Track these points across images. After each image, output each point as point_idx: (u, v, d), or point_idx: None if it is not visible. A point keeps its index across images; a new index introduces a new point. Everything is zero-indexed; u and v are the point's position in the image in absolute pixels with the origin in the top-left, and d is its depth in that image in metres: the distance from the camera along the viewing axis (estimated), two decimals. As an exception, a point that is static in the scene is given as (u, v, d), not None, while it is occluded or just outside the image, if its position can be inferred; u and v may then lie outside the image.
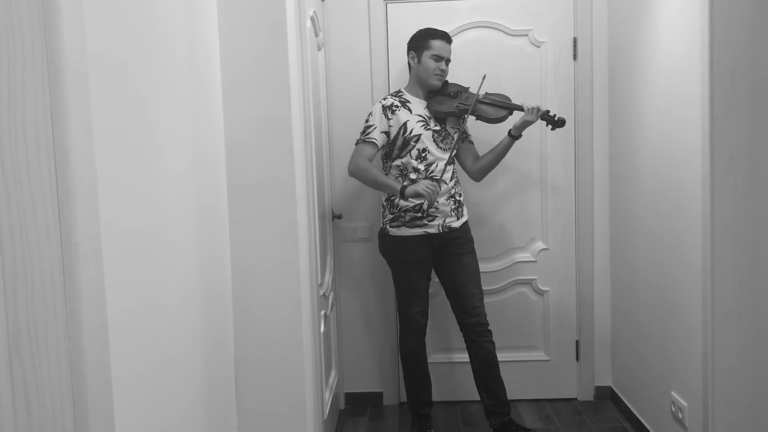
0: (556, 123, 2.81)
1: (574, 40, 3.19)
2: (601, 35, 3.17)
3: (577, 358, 3.33)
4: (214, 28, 2.00)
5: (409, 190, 2.67)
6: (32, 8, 0.95)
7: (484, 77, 2.83)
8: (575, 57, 3.19)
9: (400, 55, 3.21)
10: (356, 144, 2.81)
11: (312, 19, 2.66)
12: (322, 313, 2.69)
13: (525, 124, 2.78)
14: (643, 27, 2.72)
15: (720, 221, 2.12)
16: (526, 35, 3.19)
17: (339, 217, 3.24)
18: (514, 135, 2.81)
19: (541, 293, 3.32)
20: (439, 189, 2.71)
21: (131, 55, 1.32)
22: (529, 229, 3.30)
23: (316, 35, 2.87)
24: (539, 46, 3.19)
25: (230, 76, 2.03)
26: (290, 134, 2.06)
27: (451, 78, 2.92)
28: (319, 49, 2.96)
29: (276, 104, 2.05)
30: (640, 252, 2.85)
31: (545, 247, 3.30)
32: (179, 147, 1.60)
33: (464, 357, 3.27)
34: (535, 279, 3.31)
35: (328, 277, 2.95)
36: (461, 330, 2.89)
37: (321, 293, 2.67)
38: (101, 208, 1.10)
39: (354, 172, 2.79)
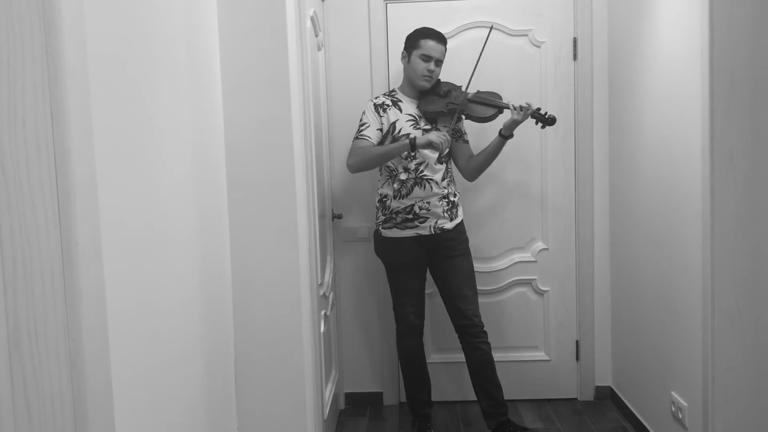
0: (546, 121, 2.75)
1: (574, 40, 3.19)
2: (601, 35, 3.17)
3: (577, 358, 3.33)
4: (214, 28, 2.00)
5: (420, 139, 2.64)
6: (32, 8, 0.95)
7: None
8: (575, 57, 3.19)
9: (399, 55, 3.21)
10: (353, 141, 2.79)
11: (312, 19, 2.66)
12: (322, 313, 2.69)
13: (514, 123, 2.72)
14: (643, 27, 2.72)
15: (720, 221, 2.12)
16: (526, 35, 3.19)
17: (339, 217, 3.24)
18: (505, 135, 2.76)
19: (541, 293, 3.32)
20: (449, 140, 2.66)
21: (131, 55, 1.32)
22: (529, 229, 3.30)
23: (316, 35, 2.86)
24: (539, 46, 3.19)
25: (230, 76, 2.03)
26: (290, 134, 2.06)
27: (450, 77, 2.91)
28: (319, 49, 2.96)
29: (276, 104, 2.05)
30: (640, 252, 2.85)
31: (545, 247, 3.29)
32: (179, 147, 1.60)
33: (463, 357, 3.27)
34: (535, 279, 3.31)
35: (328, 277, 2.95)
36: (456, 331, 2.88)
37: (321, 293, 2.67)
38: (101, 208, 1.10)
39: (356, 164, 2.73)
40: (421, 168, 2.76)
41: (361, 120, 2.81)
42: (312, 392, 2.26)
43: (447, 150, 2.70)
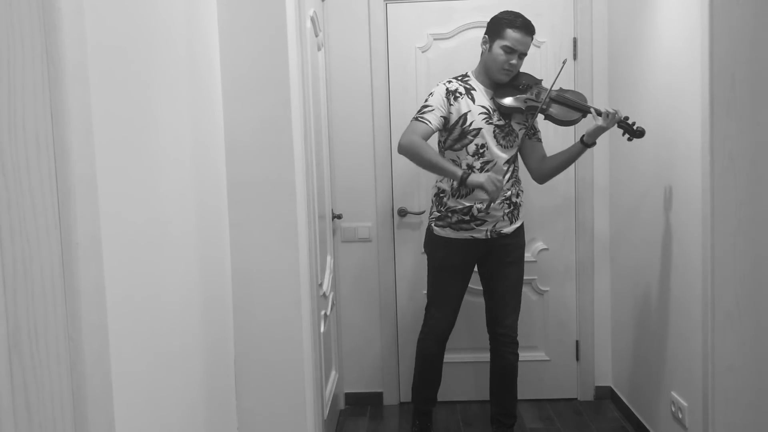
0: (635, 133, 2.51)
1: (574, 40, 3.19)
2: (601, 35, 3.17)
3: (577, 358, 3.33)
4: (214, 28, 2.00)
5: (473, 179, 2.42)
6: (32, 8, 0.95)
7: (563, 63, 2.60)
8: (575, 57, 3.19)
9: (400, 55, 3.22)
10: (411, 121, 2.58)
11: (312, 19, 2.66)
12: (322, 313, 2.69)
13: (599, 130, 2.49)
14: (643, 27, 2.72)
15: (720, 221, 2.12)
16: (526, 35, 3.19)
17: (339, 217, 3.24)
18: (587, 143, 2.55)
19: (541, 293, 3.32)
20: (503, 188, 2.48)
21: (131, 55, 1.32)
22: (529, 229, 3.29)
23: (316, 35, 2.86)
24: (539, 46, 3.18)
25: (230, 76, 2.03)
26: (290, 134, 2.05)
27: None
28: (319, 50, 2.96)
29: (276, 104, 2.05)
30: (640, 252, 2.85)
31: (545, 247, 3.29)
32: (179, 147, 1.60)
33: (465, 357, 3.28)
34: (535, 279, 3.30)
35: (328, 277, 2.95)
36: (488, 333, 2.82)
37: (321, 293, 2.67)
38: (101, 207, 1.10)
39: (407, 147, 2.49)
40: (487, 168, 2.58)
41: (426, 100, 2.60)
42: (312, 392, 2.26)
43: (497, 199, 2.52)
